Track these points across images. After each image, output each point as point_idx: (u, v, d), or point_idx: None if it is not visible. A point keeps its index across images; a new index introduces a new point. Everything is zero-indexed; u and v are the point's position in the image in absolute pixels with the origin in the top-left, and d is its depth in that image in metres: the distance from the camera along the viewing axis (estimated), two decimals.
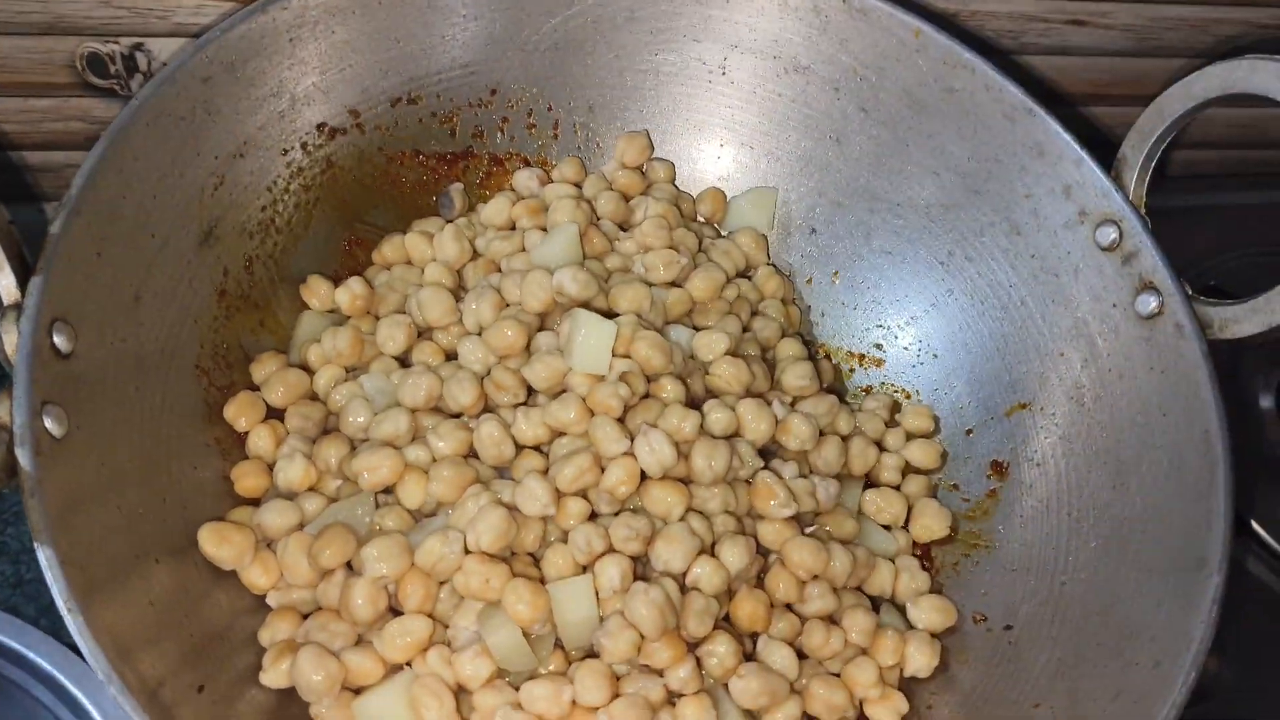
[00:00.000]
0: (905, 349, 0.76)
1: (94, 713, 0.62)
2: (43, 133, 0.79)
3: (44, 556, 0.47)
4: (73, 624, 0.47)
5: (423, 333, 0.68)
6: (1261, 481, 0.76)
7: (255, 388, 0.66)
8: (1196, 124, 0.65)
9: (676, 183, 0.79)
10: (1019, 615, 0.64)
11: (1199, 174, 0.94)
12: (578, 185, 0.76)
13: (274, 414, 0.65)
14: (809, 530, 0.65)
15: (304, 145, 0.69)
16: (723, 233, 0.78)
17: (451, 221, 0.73)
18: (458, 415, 0.64)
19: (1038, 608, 0.63)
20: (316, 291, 0.69)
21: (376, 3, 0.68)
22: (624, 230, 0.74)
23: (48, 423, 0.51)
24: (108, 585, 0.50)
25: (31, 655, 0.63)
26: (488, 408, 0.64)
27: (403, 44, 0.71)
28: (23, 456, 0.49)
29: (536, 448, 0.63)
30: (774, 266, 0.77)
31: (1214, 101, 0.63)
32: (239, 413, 0.64)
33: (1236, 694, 0.63)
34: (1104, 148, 0.68)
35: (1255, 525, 0.75)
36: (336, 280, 0.70)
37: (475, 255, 0.72)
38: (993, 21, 0.84)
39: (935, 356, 0.75)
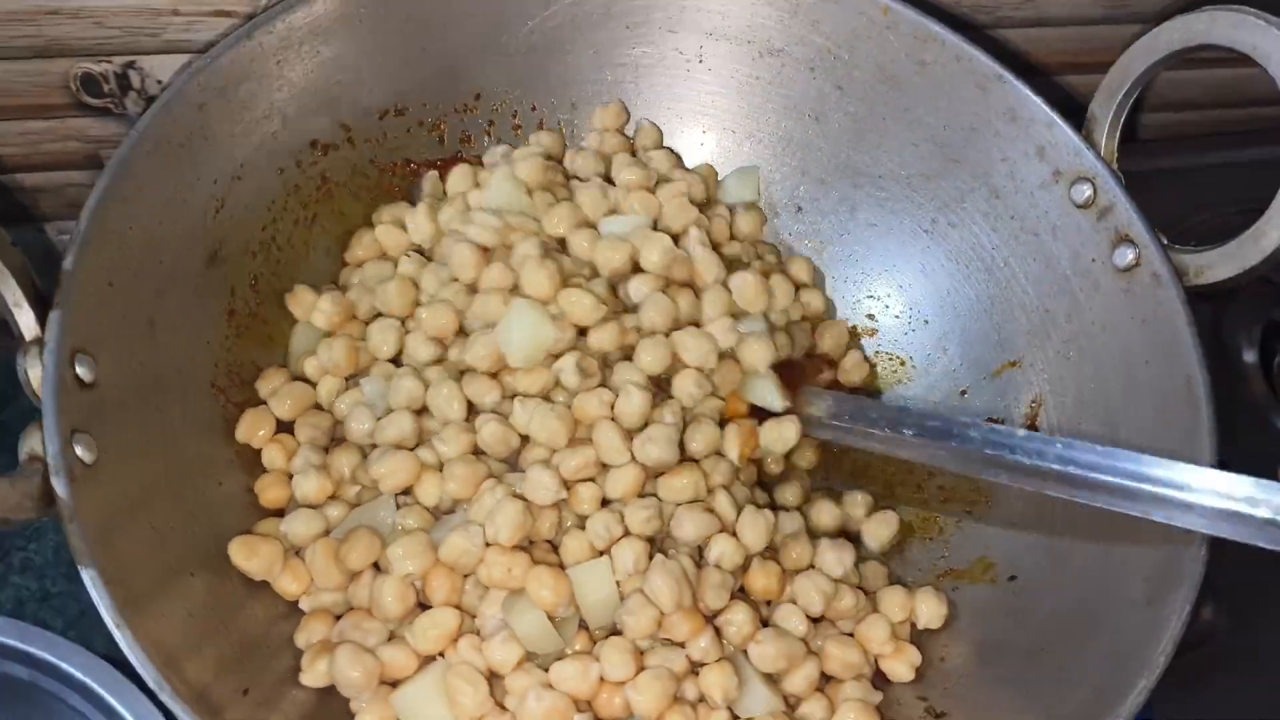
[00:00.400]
0: (897, 317, 0.78)
1: (128, 716, 0.64)
2: (41, 154, 0.81)
3: (88, 577, 0.50)
4: (121, 638, 0.50)
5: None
6: (1250, 434, 0.78)
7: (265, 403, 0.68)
8: (1169, 85, 0.67)
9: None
10: (1022, 566, 0.66)
11: (1172, 135, 0.95)
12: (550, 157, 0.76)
13: (286, 426, 0.67)
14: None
15: (299, 163, 0.71)
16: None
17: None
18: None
19: (1040, 558, 0.66)
20: (303, 302, 0.70)
21: (358, 20, 0.70)
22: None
23: (78, 450, 0.53)
24: (148, 599, 0.53)
25: (66, 666, 0.63)
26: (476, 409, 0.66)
27: (385, 57, 0.72)
28: (59, 485, 0.51)
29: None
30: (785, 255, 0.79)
31: (1177, 53, 0.65)
32: (250, 431, 0.66)
33: (1229, 642, 0.65)
34: (1079, 114, 0.70)
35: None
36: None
37: None
38: None
39: (926, 322, 0.77)
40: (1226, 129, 0.99)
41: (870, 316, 0.79)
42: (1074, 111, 0.69)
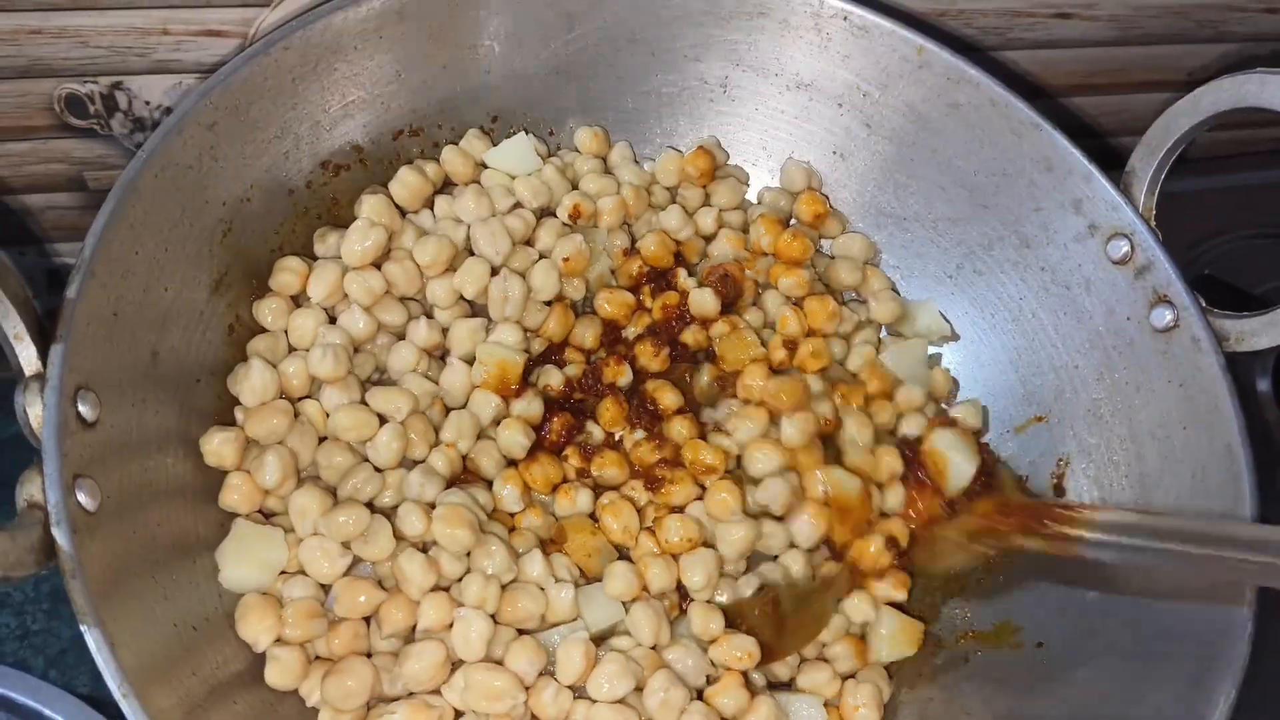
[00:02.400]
0: None
1: None
2: (23, 176, 0.77)
3: (92, 639, 0.46)
4: (128, 708, 0.46)
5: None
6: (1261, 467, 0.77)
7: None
8: None
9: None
10: (1049, 634, 0.65)
11: (1190, 157, 0.95)
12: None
13: None
14: None
15: (309, 184, 0.68)
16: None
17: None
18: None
19: (1069, 626, 0.64)
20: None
21: (378, 37, 0.67)
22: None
23: (80, 497, 0.50)
24: (155, 663, 0.49)
25: (48, 712, 0.61)
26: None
27: (404, 76, 0.69)
28: (61, 536, 0.48)
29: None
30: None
31: (1223, 114, 0.64)
32: (233, 499, 0.60)
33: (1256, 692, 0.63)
34: (1089, 137, 0.69)
35: None
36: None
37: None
38: (979, 19, 0.85)
39: (947, 372, 0.75)
40: (1246, 150, 0.98)
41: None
42: (1082, 134, 0.68)
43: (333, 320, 0.65)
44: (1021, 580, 0.68)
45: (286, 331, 0.65)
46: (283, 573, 0.58)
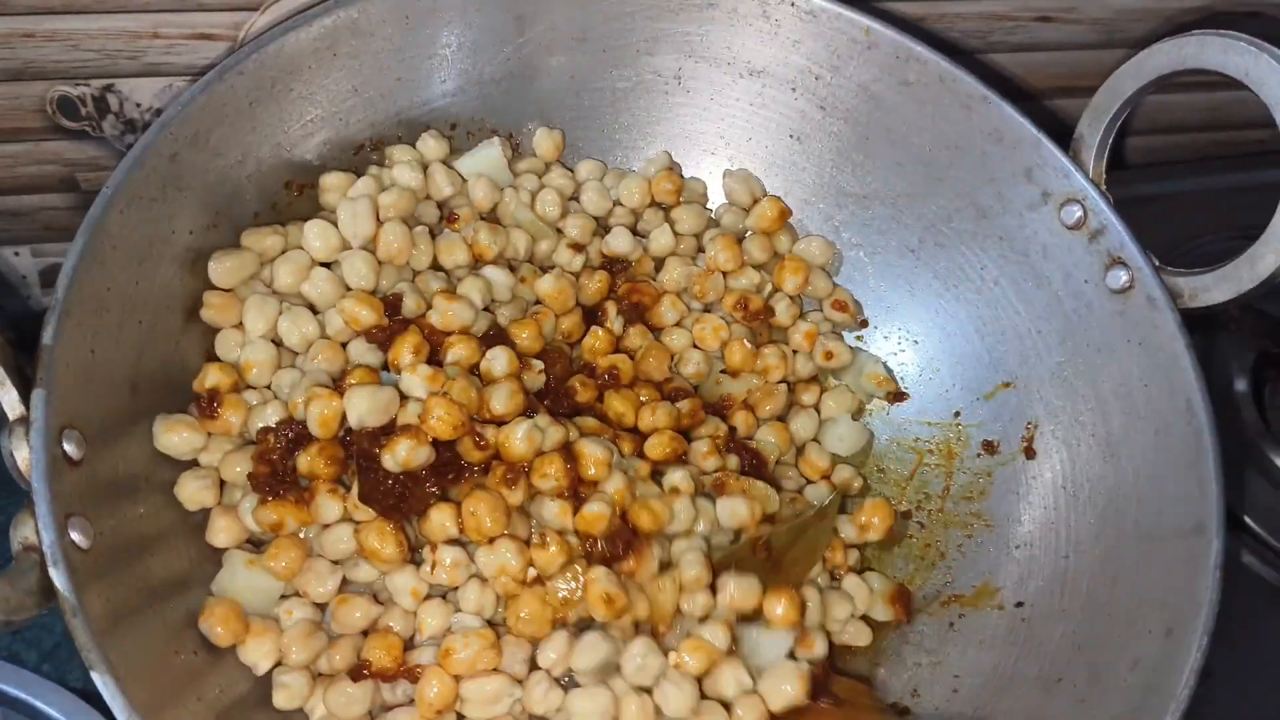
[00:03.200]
0: (885, 338, 0.77)
1: None
2: (16, 177, 0.78)
3: (100, 680, 0.47)
4: None
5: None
6: (1241, 463, 0.78)
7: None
8: (1158, 109, 0.67)
9: None
10: (1028, 591, 0.66)
11: (1162, 160, 0.96)
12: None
13: None
14: None
15: (273, 205, 0.69)
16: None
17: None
18: None
19: (1046, 583, 0.66)
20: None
21: (332, 54, 0.67)
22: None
23: (75, 536, 0.51)
24: (161, 694, 0.51)
25: (41, 705, 0.62)
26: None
27: (360, 92, 0.70)
28: (58, 578, 0.49)
29: None
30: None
31: (1165, 77, 0.65)
32: (220, 539, 0.60)
33: (1232, 682, 0.65)
34: (1069, 138, 0.70)
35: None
36: None
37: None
38: (961, 23, 0.86)
39: (916, 343, 0.77)
40: (1217, 153, 0.99)
41: (858, 338, 0.78)
42: (1065, 136, 0.69)
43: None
44: (998, 546, 0.70)
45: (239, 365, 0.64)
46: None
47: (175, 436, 0.60)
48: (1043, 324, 0.71)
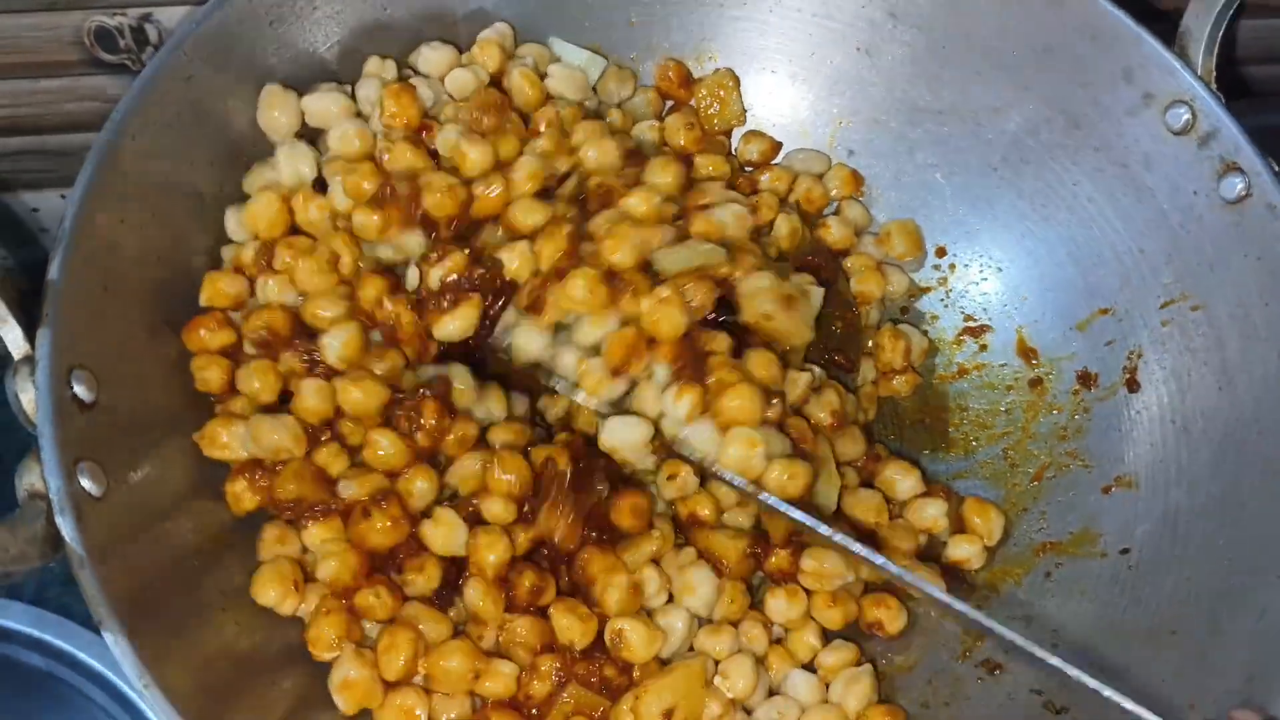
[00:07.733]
0: (966, 266, 0.71)
1: (148, 713, 0.60)
2: (58, 115, 0.75)
3: (110, 638, 0.43)
4: (152, 699, 0.44)
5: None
6: None
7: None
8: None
9: None
10: (1135, 537, 0.60)
11: None
12: None
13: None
14: None
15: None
16: None
17: None
18: None
19: (1154, 528, 0.60)
20: None
21: None
22: None
23: (84, 483, 0.47)
24: (177, 650, 0.47)
25: (84, 657, 0.62)
26: None
27: (389, 7, 0.65)
28: (65, 526, 0.45)
29: None
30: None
31: None
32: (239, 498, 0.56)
33: None
34: (1158, 21, 0.63)
35: None
36: None
37: None
38: None
39: (999, 270, 0.70)
40: None
41: (935, 268, 0.72)
42: (1170, 30, 0.62)
43: None
44: (1097, 489, 0.63)
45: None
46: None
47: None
48: (1146, 242, 0.64)
